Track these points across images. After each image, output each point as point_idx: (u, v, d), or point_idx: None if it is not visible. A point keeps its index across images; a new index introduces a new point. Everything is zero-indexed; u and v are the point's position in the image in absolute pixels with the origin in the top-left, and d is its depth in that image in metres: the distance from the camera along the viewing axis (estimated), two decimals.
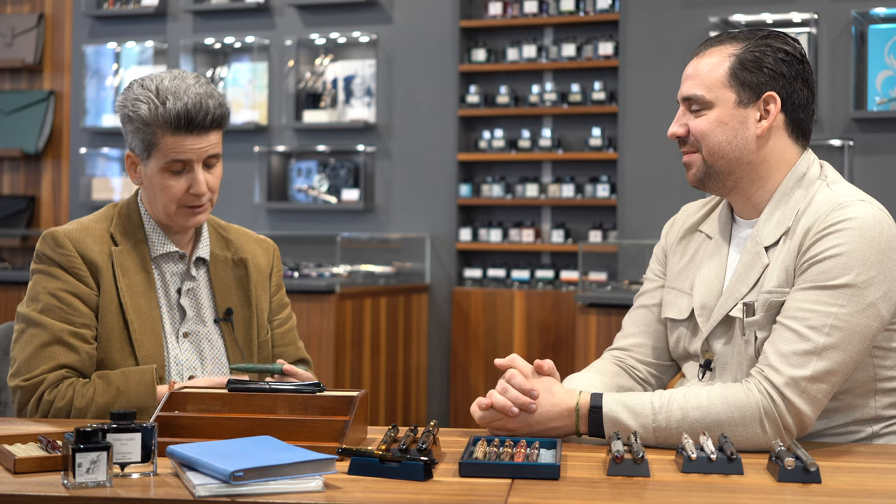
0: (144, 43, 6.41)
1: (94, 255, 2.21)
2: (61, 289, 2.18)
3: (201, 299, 2.31)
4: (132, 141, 2.21)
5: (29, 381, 2.13)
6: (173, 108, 2.14)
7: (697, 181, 2.04)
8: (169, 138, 2.16)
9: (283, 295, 2.45)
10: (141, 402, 2.11)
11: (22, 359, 2.15)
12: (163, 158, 2.18)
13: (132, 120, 2.18)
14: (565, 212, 5.74)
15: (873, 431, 1.96)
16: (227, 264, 2.34)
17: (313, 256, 5.93)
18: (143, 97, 2.17)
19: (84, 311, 2.18)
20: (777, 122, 2.00)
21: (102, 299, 2.19)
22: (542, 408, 1.88)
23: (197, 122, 2.15)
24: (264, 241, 2.45)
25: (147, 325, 2.21)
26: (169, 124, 2.15)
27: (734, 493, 1.56)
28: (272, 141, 6.16)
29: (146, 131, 2.17)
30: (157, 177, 2.20)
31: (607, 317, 4.69)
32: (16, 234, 6.50)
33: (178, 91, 2.16)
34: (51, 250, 2.20)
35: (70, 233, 2.22)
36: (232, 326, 2.30)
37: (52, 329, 2.15)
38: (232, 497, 1.51)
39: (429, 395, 5.78)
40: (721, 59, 1.99)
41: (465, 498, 1.53)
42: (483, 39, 5.87)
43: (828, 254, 1.87)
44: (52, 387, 2.12)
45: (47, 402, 2.12)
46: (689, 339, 2.07)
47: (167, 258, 2.28)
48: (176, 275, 2.29)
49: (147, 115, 2.16)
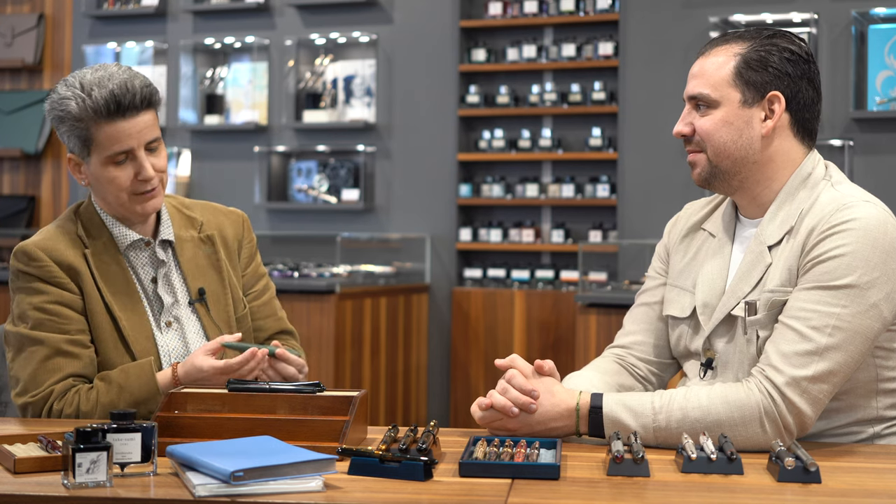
0: (144, 43, 6.41)
1: (71, 259, 2.18)
2: (47, 301, 2.16)
3: (174, 283, 2.28)
4: (69, 142, 2.19)
5: (37, 395, 2.11)
6: (100, 97, 2.12)
7: (703, 180, 2.04)
8: (104, 129, 2.13)
9: (257, 265, 2.42)
10: (143, 393, 2.10)
11: (26, 376, 2.13)
12: (103, 152, 2.15)
13: (64, 120, 2.16)
14: (565, 212, 5.74)
15: (875, 432, 1.96)
16: (195, 243, 2.32)
17: (313, 256, 5.93)
18: (69, 95, 2.15)
19: (75, 317, 2.16)
20: (782, 121, 2.00)
21: (88, 302, 2.18)
22: (542, 408, 1.87)
23: (126, 103, 2.13)
24: (233, 213, 2.42)
25: (135, 321, 2.20)
26: (99, 113, 2.12)
27: (734, 493, 1.56)
28: (272, 141, 6.16)
29: (80, 127, 2.14)
30: (101, 171, 2.17)
31: (607, 317, 4.69)
32: (16, 234, 6.50)
33: (101, 80, 2.14)
34: (25, 266, 2.17)
35: (39, 243, 2.19)
36: (206, 307, 2.29)
37: (50, 342, 2.13)
38: (232, 497, 1.50)
39: (429, 395, 5.78)
40: (727, 59, 1.99)
41: (465, 498, 1.53)
42: (483, 39, 5.87)
43: (831, 254, 1.87)
44: (59, 397, 2.11)
45: (56, 412, 2.11)
46: (691, 338, 2.07)
47: (134, 249, 2.26)
48: (146, 264, 2.27)
49: (76, 110, 2.13)
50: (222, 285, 2.32)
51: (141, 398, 2.11)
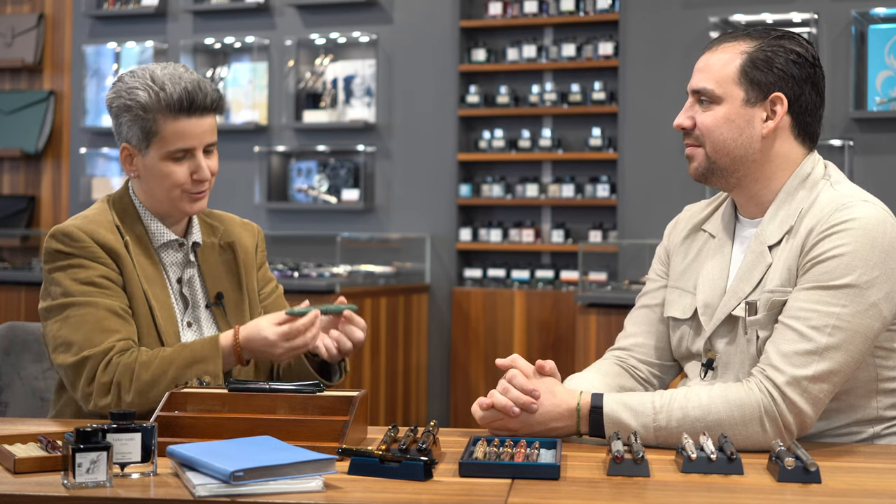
0: (144, 43, 6.41)
1: (112, 243, 2.17)
2: (94, 275, 2.13)
3: (196, 286, 2.30)
4: (128, 132, 2.19)
5: (96, 349, 2.06)
6: (174, 92, 2.14)
7: (699, 175, 2.03)
8: (170, 124, 2.15)
9: (266, 270, 2.44)
10: (203, 351, 2.08)
11: (80, 337, 2.07)
12: (165, 147, 2.17)
13: (130, 109, 2.16)
14: (565, 212, 5.74)
15: (874, 432, 1.96)
16: (215, 250, 2.33)
17: (313, 256, 5.93)
18: (138, 85, 2.16)
19: (121, 293, 2.15)
20: (783, 123, 2.00)
21: (128, 285, 2.16)
22: (543, 408, 1.87)
23: (198, 102, 2.16)
24: (249, 225, 2.44)
25: (166, 315, 2.20)
26: (171, 107, 2.14)
27: (734, 493, 1.56)
28: (272, 141, 6.16)
29: (146, 118, 2.16)
30: (158, 165, 2.18)
31: (607, 317, 4.69)
32: (16, 234, 6.50)
33: (173, 77, 2.17)
34: (66, 246, 2.15)
35: (80, 225, 2.18)
36: (224, 310, 2.29)
37: (104, 304, 2.10)
38: (232, 497, 1.50)
39: (429, 395, 5.78)
40: (733, 56, 1.99)
41: (465, 498, 1.53)
42: (483, 39, 5.87)
43: (831, 254, 1.87)
44: (120, 353, 2.07)
45: (115, 365, 2.04)
46: (692, 339, 2.07)
47: (167, 247, 2.27)
48: (175, 264, 2.28)
49: (147, 100, 2.15)
50: (239, 291, 2.33)
51: (200, 356, 2.08)
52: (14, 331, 2.51)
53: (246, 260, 2.37)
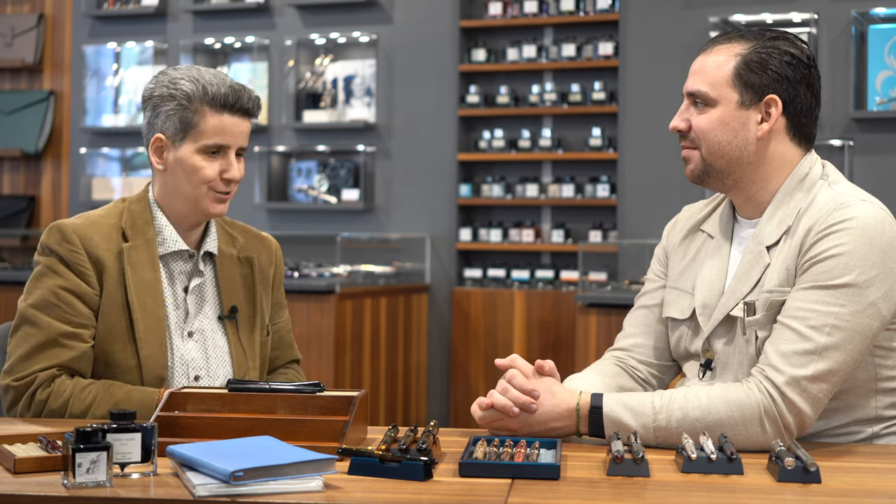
0: (144, 43, 6.41)
1: (101, 253, 2.18)
2: (61, 286, 2.15)
3: (206, 295, 2.28)
4: (165, 122, 2.20)
5: (21, 380, 2.11)
6: (219, 87, 2.19)
7: (696, 177, 2.04)
8: (211, 118, 2.18)
9: (282, 296, 2.43)
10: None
11: (16, 357, 2.13)
12: (201, 140, 2.19)
13: (174, 97, 2.19)
14: (565, 212, 5.74)
15: (874, 432, 1.96)
16: (233, 261, 2.32)
17: (313, 256, 5.93)
18: (183, 77, 2.20)
19: (83, 310, 2.16)
20: (778, 125, 2.00)
21: (106, 298, 2.17)
22: (542, 408, 1.88)
23: (241, 103, 2.20)
24: (267, 240, 2.43)
25: (151, 324, 2.18)
26: (215, 101, 2.18)
27: (734, 493, 1.56)
28: (272, 141, 6.16)
29: (188, 108, 2.18)
30: (191, 158, 2.19)
31: (607, 317, 4.69)
32: (16, 234, 6.50)
33: (218, 75, 2.22)
34: (56, 244, 2.17)
35: (78, 228, 2.19)
36: (237, 324, 2.29)
37: (49, 329, 2.13)
38: (232, 497, 1.50)
39: (429, 395, 5.78)
40: (727, 58, 1.99)
41: (465, 498, 1.53)
42: (483, 39, 5.87)
43: (829, 253, 1.87)
44: (44, 385, 2.10)
45: (40, 402, 2.10)
46: (690, 339, 2.07)
47: (176, 256, 2.26)
48: (183, 273, 2.27)
49: (192, 90, 2.18)
50: (252, 308, 2.32)
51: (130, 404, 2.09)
52: None
53: (261, 278, 2.36)
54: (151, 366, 2.17)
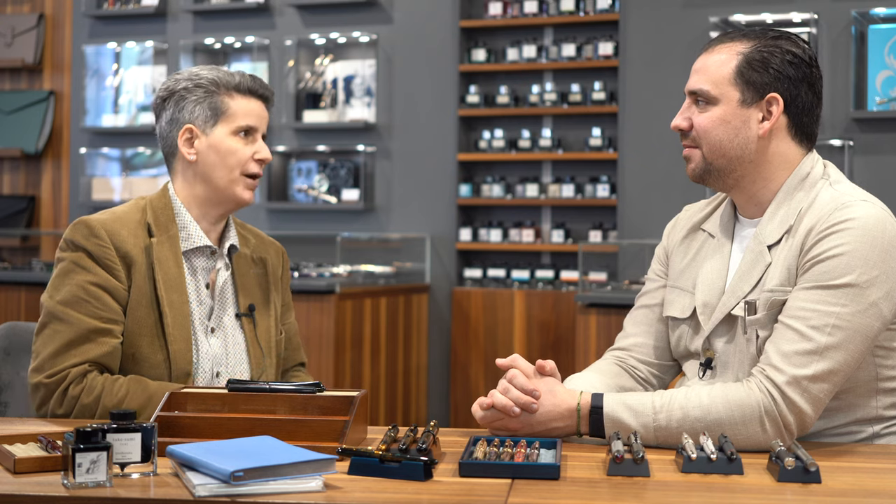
0: (144, 43, 6.41)
1: (129, 248, 2.18)
2: (90, 281, 2.14)
3: (226, 293, 2.30)
4: (192, 112, 2.24)
5: (52, 377, 2.09)
6: (241, 77, 2.28)
7: (697, 176, 2.04)
8: (239, 101, 2.26)
9: (289, 298, 2.46)
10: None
11: (46, 354, 2.11)
12: (234, 122, 2.25)
13: (199, 87, 2.24)
14: (565, 212, 5.74)
15: (874, 432, 1.96)
16: (248, 261, 2.35)
17: (313, 256, 5.93)
18: (203, 70, 2.27)
19: (112, 305, 2.15)
20: (779, 124, 2.00)
21: (134, 293, 2.17)
22: (543, 408, 1.88)
23: (261, 89, 2.28)
24: (275, 244, 2.46)
25: (178, 320, 2.19)
26: (239, 87, 2.26)
27: (734, 493, 1.56)
28: (272, 141, 6.16)
29: (215, 93, 2.24)
30: (226, 141, 2.24)
31: (607, 317, 4.69)
32: (16, 234, 6.50)
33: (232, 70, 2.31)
34: (84, 239, 2.16)
35: (105, 223, 2.19)
36: (254, 322, 2.30)
37: (79, 325, 2.11)
38: (232, 497, 1.50)
39: (429, 395, 5.78)
40: (729, 57, 1.99)
41: (465, 498, 1.53)
42: (483, 39, 5.87)
43: (830, 253, 1.87)
44: (76, 381, 2.09)
45: (72, 398, 2.08)
46: (691, 338, 2.07)
47: (199, 252, 2.27)
48: (206, 269, 2.28)
49: (217, 77, 2.25)
50: (266, 306, 2.34)
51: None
52: (14, 331, 2.51)
53: (273, 279, 2.39)
54: (179, 361, 2.17)
